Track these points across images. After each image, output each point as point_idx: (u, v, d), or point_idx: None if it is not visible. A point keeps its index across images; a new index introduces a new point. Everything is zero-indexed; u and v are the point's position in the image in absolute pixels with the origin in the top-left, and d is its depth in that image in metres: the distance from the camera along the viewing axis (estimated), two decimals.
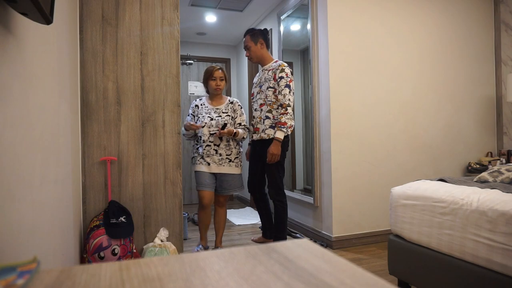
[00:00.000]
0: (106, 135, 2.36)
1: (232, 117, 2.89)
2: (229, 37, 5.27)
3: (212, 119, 2.83)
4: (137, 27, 2.45)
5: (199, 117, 2.86)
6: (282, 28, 3.88)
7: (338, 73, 3.08)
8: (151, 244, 2.37)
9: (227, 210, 4.81)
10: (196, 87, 5.44)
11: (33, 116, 1.11)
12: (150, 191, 2.47)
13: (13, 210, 0.89)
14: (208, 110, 2.87)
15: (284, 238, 2.89)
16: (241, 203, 5.39)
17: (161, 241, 2.41)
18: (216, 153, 2.81)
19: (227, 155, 2.83)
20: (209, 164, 2.81)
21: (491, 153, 3.64)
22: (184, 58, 5.33)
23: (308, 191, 3.46)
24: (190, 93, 5.41)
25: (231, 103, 2.92)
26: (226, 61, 5.62)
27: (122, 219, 2.22)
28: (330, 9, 3.06)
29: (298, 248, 0.56)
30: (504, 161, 3.46)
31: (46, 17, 0.87)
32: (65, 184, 1.69)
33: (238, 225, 3.98)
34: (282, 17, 3.86)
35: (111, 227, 2.14)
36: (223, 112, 2.85)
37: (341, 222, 3.03)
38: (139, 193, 2.44)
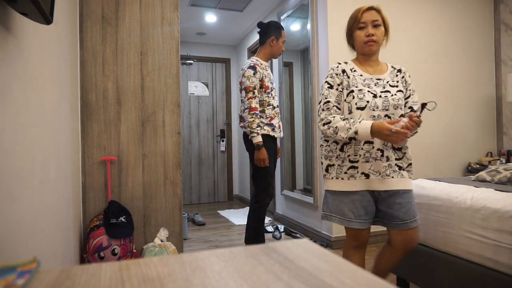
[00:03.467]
0: (106, 135, 2.36)
1: (405, 95, 1.72)
2: (229, 37, 5.27)
3: (375, 96, 1.61)
4: (137, 27, 2.45)
5: (353, 91, 1.62)
6: None
7: None
8: (151, 244, 2.37)
9: (227, 211, 4.80)
10: (196, 87, 5.44)
11: (33, 116, 1.11)
12: (150, 191, 2.47)
13: (13, 210, 0.89)
14: (364, 80, 1.67)
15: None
16: (241, 203, 5.39)
17: (161, 241, 2.41)
18: (382, 156, 1.60)
19: (397, 159, 1.63)
20: (367, 176, 1.61)
21: (491, 153, 3.64)
22: (184, 58, 5.33)
23: (308, 191, 3.46)
24: (190, 93, 5.41)
25: (399, 71, 1.76)
26: (226, 61, 5.62)
27: (122, 219, 2.22)
28: (330, 9, 3.06)
29: (298, 248, 0.56)
30: (504, 161, 3.46)
31: (46, 17, 0.87)
32: (65, 184, 1.69)
33: (238, 225, 3.98)
34: (282, 17, 3.86)
35: (111, 227, 2.14)
36: (391, 86, 1.67)
37: None
38: (139, 193, 2.44)
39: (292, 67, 3.93)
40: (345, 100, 1.62)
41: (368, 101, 1.57)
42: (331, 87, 1.66)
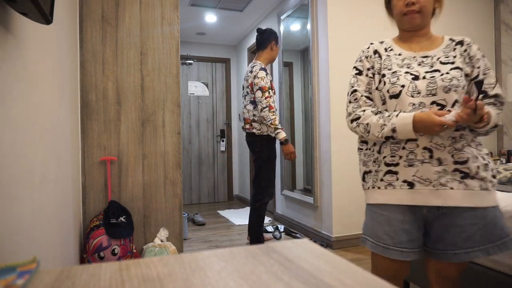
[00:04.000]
0: (106, 135, 2.36)
1: (465, 73, 1.23)
2: (229, 37, 5.27)
3: (416, 78, 1.20)
4: (137, 27, 2.45)
5: (384, 75, 1.25)
6: (282, 28, 3.88)
7: (338, 73, 3.08)
8: (151, 244, 2.37)
9: (227, 211, 4.80)
10: (196, 87, 5.44)
11: (33, 116, 1.11)
12: (150, 191, 2.47)
13: (13, 210, 0.89)
14: (403, 59, 1.27)
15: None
16: (241, 203, 5.39)
17: (161, 241, 2.41)
18: (431, 157, 1.16)
19: (458, 161, 1.16)
20: (411, 185, 1.17)
21: (491, 153, 3.64)
22: (184, 58, 5.33)
23: (308, 191, 3.46)
24: (190, 93, 5.41)
25: (460, 43, 1.30)
26: (226, 61, 5.62)
27: (122, 219, 2.22)
28: (330, 9, 3.06)
29: (298, 248, 0.56)
30: (504, 161, 3.46)
31: (46, 17, 0.87)
32: (65, 184, 1.69)
33: (238, 225, 3.98)
34: (282, 17, 3.86)
35: (111, 227, 2.14)
36: (442, 63, 1.22)
37: (341, 222, 3.03)
38: (139, 193, 2.44)
39: (292, 67, 3.93)
40: (376, 88, 1.25)
41: (403, 86, 1.17)
42: (359, 73, 1.30)
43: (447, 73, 1.17)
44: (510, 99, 3.31)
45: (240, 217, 4.33)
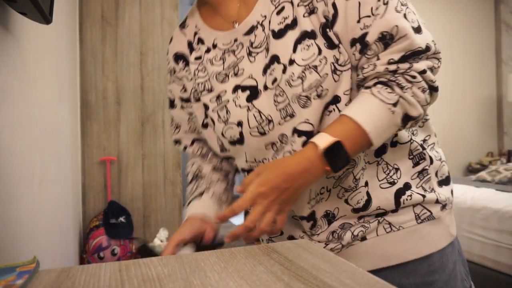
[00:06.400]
0: (106, 135, 2.36)
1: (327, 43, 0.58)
2: None
3: (255, 94, 0.62)
4: (136, 27, 2.45)
5: (207, 107, 0.68)
6: None
7: None
8: (150, 244, 2.37)
9: None
10: None
11: (33, 116, 1.11)
12: (150, 191, 2.47)
13: (13, 210, 0.89)
14: (223, 53, 0.66)
15: None
16: None
17: (161, 241, 2.41)
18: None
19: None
20: None
21: (491, 153, 3.64)
22: None
23: None
24: None
25: None
26: None
27: (122, 219, 2.22)
28: None
29: (298, 248, 0.56)
30: (504, 161, 3.46)
31: (45, 17, 0.87)
32: (65, 184, 1.69)
33: (238, 225, 3.98)
34: None
35: (111, 227, 2.14)
36: (276, 35, 0.59)
37: None
38: (138, 193, 2.44)
39: None
40: (203, 125, 0.71)
41: (240, 123, 0.64)
42: (171, 105, 0.77)
43: (292, 61, 0.58)
44: (510, 99, 3.31)
45: (240, 217, 4.34)
